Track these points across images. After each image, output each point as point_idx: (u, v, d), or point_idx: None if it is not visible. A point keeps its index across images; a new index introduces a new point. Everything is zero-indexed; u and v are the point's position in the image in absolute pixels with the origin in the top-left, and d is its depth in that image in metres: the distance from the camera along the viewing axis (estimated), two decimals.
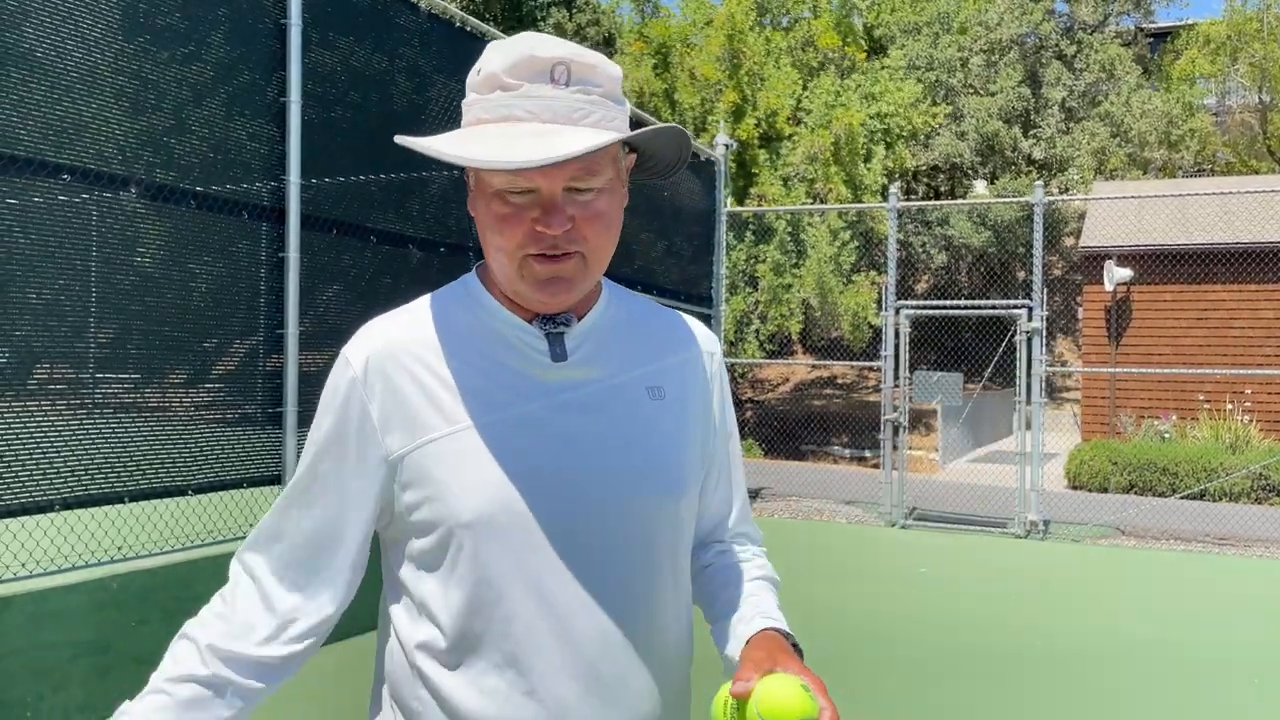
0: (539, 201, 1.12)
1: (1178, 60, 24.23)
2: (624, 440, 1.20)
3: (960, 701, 4.57)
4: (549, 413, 1.17)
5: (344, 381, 1.18)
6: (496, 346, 1.19)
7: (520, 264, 1.14)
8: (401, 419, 1.16)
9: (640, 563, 1.20)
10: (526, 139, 1.07)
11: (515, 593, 1.14)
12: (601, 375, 1.22)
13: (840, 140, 15.43)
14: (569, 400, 1.19)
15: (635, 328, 1.28)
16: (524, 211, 1.12)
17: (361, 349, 1.18)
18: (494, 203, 1.13)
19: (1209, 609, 6.46)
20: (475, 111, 1.13)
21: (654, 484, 1.21)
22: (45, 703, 3.79)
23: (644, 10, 20.29)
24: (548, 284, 1.15)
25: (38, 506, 3.97)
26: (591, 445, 1.18)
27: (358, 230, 5.59)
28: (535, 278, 1.14)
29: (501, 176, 1.11)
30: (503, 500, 1.13)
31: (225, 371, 5.07)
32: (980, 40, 21.30)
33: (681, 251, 9.97)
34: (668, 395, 1.26)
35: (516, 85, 1.10)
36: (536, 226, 1.12)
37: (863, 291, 15.22)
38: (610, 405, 1.21)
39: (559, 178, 1.11)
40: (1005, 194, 19.60)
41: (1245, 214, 14.73)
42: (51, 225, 4.10)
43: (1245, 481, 11.57)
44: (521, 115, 1.10)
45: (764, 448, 16.04)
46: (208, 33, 4.76)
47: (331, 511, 1.19)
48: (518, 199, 1.12)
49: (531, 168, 1.05)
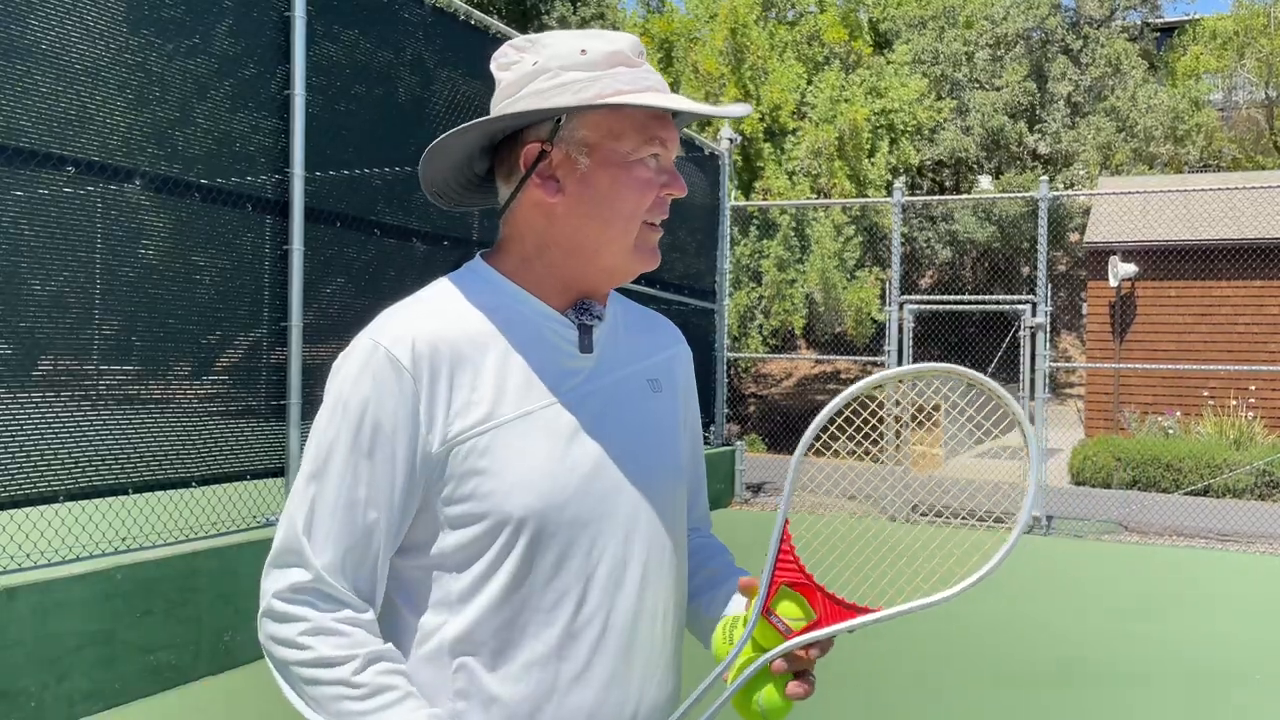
0: (664, 168, 1.21)
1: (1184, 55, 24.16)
2: (642, 429, 1.25)
3: (961, 697, 4.58)
4: (579, 403, 1.20)
5: (384, 372, 1.13)
6: (529, 337, 1.20)
7: (638, 231, 1.21)
8: (445, 411, 1.14)
9: (661, 544, 1.25)
10: (684, 102, 1.18)
11: (561, 580, 1.16)
12: (612, 368, 1.25)
13: (845, 135, 15.40)
14: (594, 390, 1.22)
15: (630, 323, 1.33)
16: (657, 178, 1.21)
17: (400, 338, 1.14)
18: (636, 169, 1.19)
19: (1212, 605, 6.46)
20: (609, 84, 1.16)
21: (669, 470, 1.28)
22: (50, 692, 3.81)
23: (648, 4, 20.26)
24: (654, 251, 1.24)
25: (42, 497, 3.98)
26: (618, 434, 1.22)
27: (362, 223, 5.59)
28: (648, 244, 1.23)
29: (648, 144, 1.19)
30: (545, 492, 1.15)
31: (229, 364, 5.08)
32: (986, 35, 21.24)
33: (686, 246, 9.96)
34: (663, 388, 1.32)
35: (640, 63, 1.19)
36: (664, 192, 1.21)
37: (866, 287, 15.20)
38: (625, 396, 1.25)
39: (675, 146, 1.22)
40: (1010, 189, 19.56)
41: (1251, 210, 14.69)
42: (56, 217, 4.11)
43: (1249, 478, 11.56)
44: (656, 85, 1.19)
45: (767, 442, 16.04)
46: (212, 25, 4.76)
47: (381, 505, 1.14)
48: (654, 164, 1.20)
49: (727, 115, 1.17)
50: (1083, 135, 20.75)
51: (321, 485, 1.14)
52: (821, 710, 4.33)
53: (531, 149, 1.18)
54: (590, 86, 1.16)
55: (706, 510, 1.50)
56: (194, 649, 4.41)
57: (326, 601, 1.13)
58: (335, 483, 1.14)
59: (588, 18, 18.89)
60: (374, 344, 1.14)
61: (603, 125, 1.18)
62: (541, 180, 1.19)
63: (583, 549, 1.17)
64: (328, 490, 1.14)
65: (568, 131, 1.18)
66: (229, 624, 4.56)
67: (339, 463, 1.14)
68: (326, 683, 1.12)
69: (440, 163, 1.24)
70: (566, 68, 1.17)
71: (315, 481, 1.14)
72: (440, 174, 1.26)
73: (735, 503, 10.12)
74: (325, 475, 1.14)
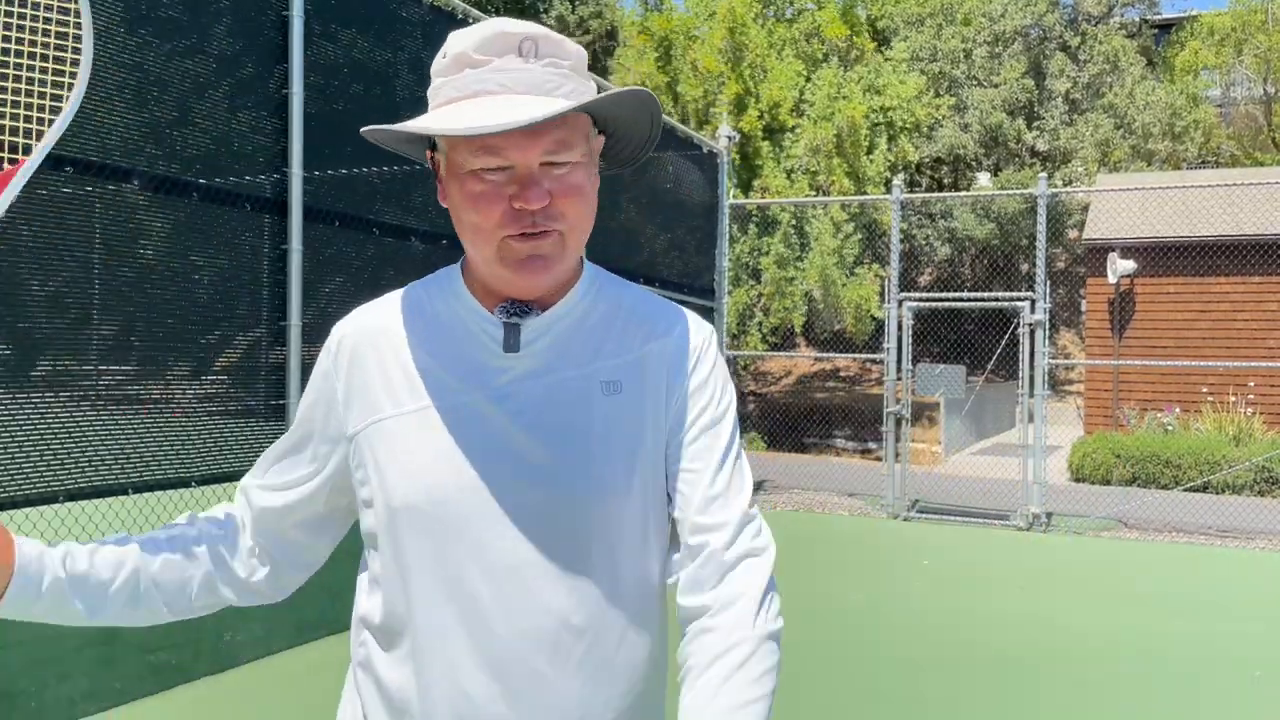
0: (515, 178, 1.10)
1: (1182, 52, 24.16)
2: (561, 436, 1.15)
3: (962, 695, 4.58)
4: (489, 403, 1.16)
5: (323, 358, 1.25)
6: (457, 333, 1.19)
7: (499, 245, 1.12)
8: (359, 399, 1.20)
9: (566, 565, 1.14)
10: (503, 108, 1.06)
11: (426, 581, 1.14)
12: (554, 368, 1.17)
13: (843, 133, 15.40)
14: (512, 392, 1.16)
15: (608, 319, 1.22)
16: (501, 189, 1.10)
17: (339, 329, 1.24)
18: (469, 182, 1.11)
19: (1211, 602, 6.46)
20: (445, 93, 1.12)
21: (585, 483, 1.15)
22: (49, 693, 3.81)
23: (647, 3, 20.25)
24: (527, 263, 1.12)
25: (42, 498, 3.98)
26: (524, 439, 1.14)
27: (360, 222, 5.59)
28: (514, 257, 1.12)
29: (476, 155, 1.09)
30: (426, 487, 1.14)
31: (228, 364, 5.08)
32: (984, 32, 21.24)
33: (685, 244, 9.96)
34: (625, 389, 1.19)
35: (486, 60, 1.09)
36: (514, 203, 1.10)
37: (866, 284, 15.21)
38: (556, 399, 1.16)
39: (534, 151, 1.09)
40: (1009, 186, 19.56)
41: (1249, 206, 14.69)
42: (55, 218, 4.10)
43: (1248, 474, 11.57)
44: (494, 89, 1.09)
45: (767, 440, 16.04)
46: (210, 25, 4.76)
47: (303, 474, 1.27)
48: (494, 176, 1.10)
49: (510, 129, 1.03)
50: (1081, 132, 20.75)
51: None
52: (809, 696, 4.33)
53: (431, 155, 1.21)
54: (438, 94, 1.13)
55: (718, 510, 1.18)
56: (194, 648, 4.41)
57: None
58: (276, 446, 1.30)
59: (585, 16, 18.88)
60: (332, 332, 1.26)
61: (444, 137, 1.14)
62: (439, 184, 1.19)
63: (460, 552, 1.13)
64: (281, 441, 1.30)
65: (436, 142, 1.18)
66: (229, 623, 4.57)
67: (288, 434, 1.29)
68: None
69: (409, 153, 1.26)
70: (436, 73, 1.15)
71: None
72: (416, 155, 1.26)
73: None
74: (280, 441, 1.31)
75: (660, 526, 1.22)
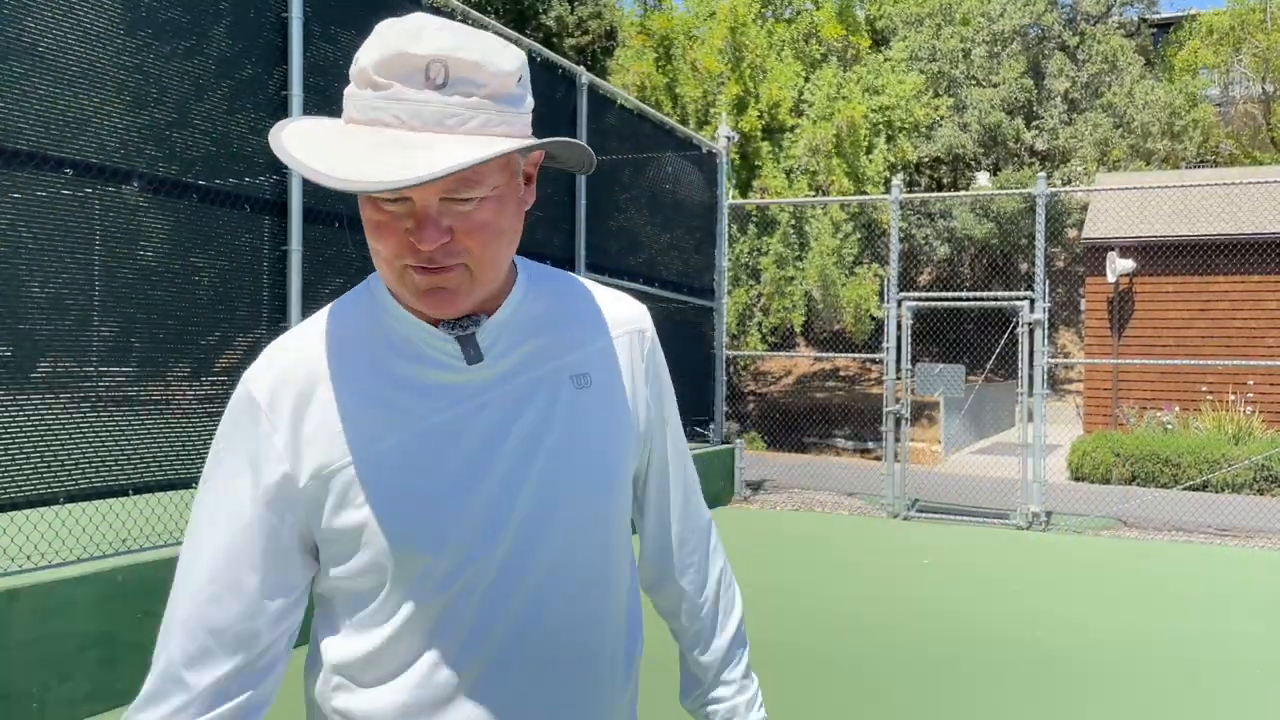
0: (413, 213, 1.01)
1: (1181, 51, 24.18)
2: (550, 438, 1.13)
3: (962, 694, 4.59)
4: (467, 418, 1.10)
5: (243, 412, 1.09)
6: (405, 355, 1.10)
7: (400, 273, 1.04)
8: (310, 446, 1.07)
9: (577, 564, 1.14)
10: (389, 149, 0.96)
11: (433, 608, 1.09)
12: (522, 370, 1.14)
13: (842, 132, 15.42)
14: (486, 402, 1.11)
15: (556, 312, 1.19)
16: (398, 221, 1.02)
17: (262, 375, 1.09)
18: (367, 208, 1.03)
19: (1211, 601, 6.47)
20: (348, 110, 1.02)
21: (582, 483, 1.14)
22: (51, 693, 3.81)
23: (646, 3, 20.25)
24: (430, 294, 1.05)
25: (43, 499, 3.99)
26: (512, 446, 1.11)
27: (360, 223, 5.60)
28: (416, 288, 1.05)
29: None
30: (429, 518, 1.07)
31: (229, 364, 5.09)
32: (983, 31, 21.25)
33: (684, 244, 9.97)
34: (595, 382, 1.18)
35: (387, 85, 0.99)
36: (410, 238, 1.02)
37: (865, 283, 15.23)
38: (533, 401, 1.13)
39: (432, 190, 1.00)
40: (1008, 186, 19.57)
41: (1248, 205, 14.70)
42: (55, 219, 4.11)
43: (1248, 473, 11.58)
44: (389, 120, 0.98)
45: (766, 440, 16.05)
46: (209, 26, 4.77)
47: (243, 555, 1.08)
48: (391, 207, 1.01)
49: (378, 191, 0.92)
50: (1080, 131, 20.76)
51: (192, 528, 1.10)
52: (810, 696, 4.34)
53: None
54: (345, 107, 1.04)
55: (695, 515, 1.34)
56: None
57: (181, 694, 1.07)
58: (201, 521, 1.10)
59: (585, 16, 18.88)
60: (241, 385, 1.10)
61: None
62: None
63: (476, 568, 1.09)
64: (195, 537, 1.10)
65: None
66: None
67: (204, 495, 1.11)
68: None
69: None
70: (351, 75, 1.04)
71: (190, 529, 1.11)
72: None
73: (735, 501, 10.13)
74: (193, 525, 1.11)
75: (628, 516, 1.25)
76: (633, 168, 9.01)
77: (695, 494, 1.36)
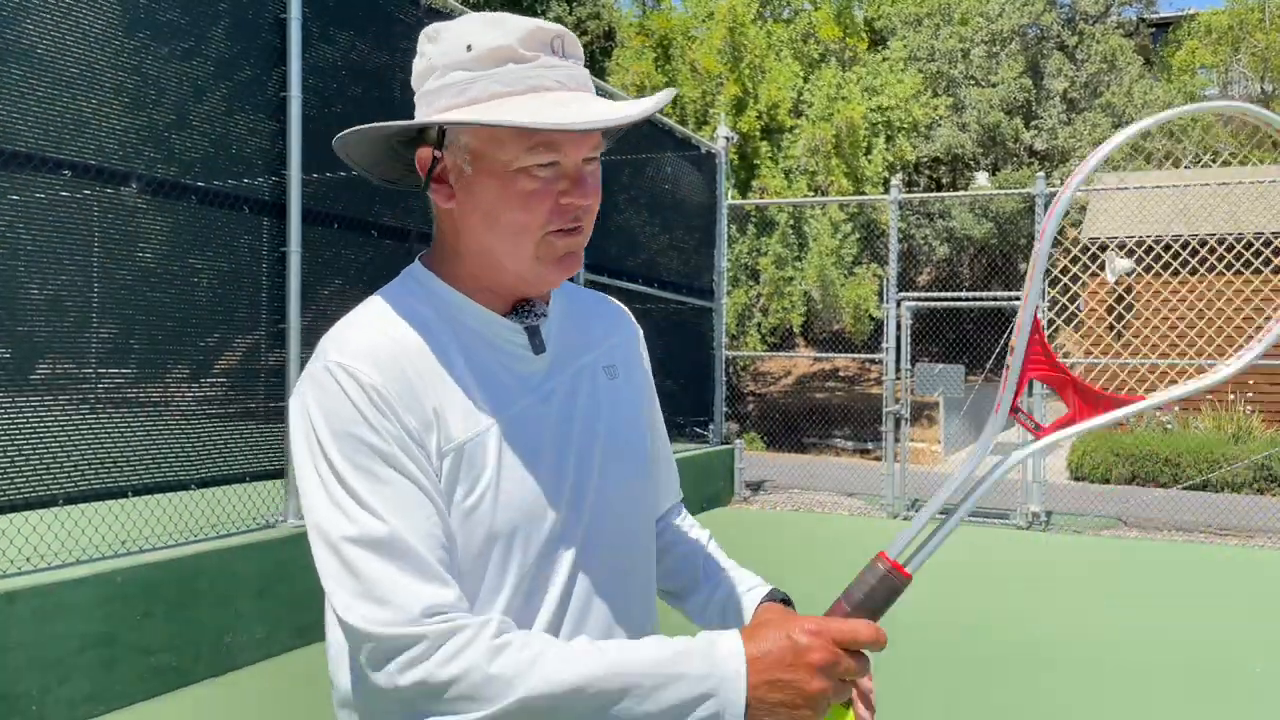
0: (564, 174, 1.10)
1: (1179, 51, 24.18)
2: (603, 424, 1.21)
3: (962, 693, 4.59)
4: (539, 406, 1.16)
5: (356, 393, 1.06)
6: (477, 345, 1.15)
7: (539, 242, 1.11)
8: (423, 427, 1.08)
9: (631, 541, 1.24)
10: (572, 105, 1.07)
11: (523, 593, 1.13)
12: (566, 361, 1.22)
13: (841, 133, 15.42)
14: (554, 389, 1.19)
15: (575, 311, 1.28)
16: (551, 186, 1.10)
17: (362, 358, 1.08)
18: (519, 180, 1.09)
19: (1211, 600, 6.47)
20: (486, 87, 1.08)
21: (632, 464, 1.24)
22: (51, 695, 3.81)
23: (645, 3, 20.26)
24: (564, 259, 1.14)
25: (42, 501, 3.99)
26: (580, 433, 1.19)
27: (359, 224, 5.60)
28: (553, 255, 1.13)
29: (533, 152, 1.07)
30: (523, 504, 1.12)
31: (228, 366, 5.09)
32: (981, 31, 21.25)
33: (683, 244, 9.96)
34: (619, 374, 1.28)
35: (533, 56, 1.08)
36: (563, 199, 1.10)
37: (864, 284, 15.22)
38: (585, 389, 1.22)
39: (586, 147, 1.11)
40: (1007, 186, 19.57)
41: (1247, 205, 14.71)
42: (54, 221, 4.11)
43: (1247, 472, 11.57)
44: (550, 85, 1.09)
45: (766, 440, 16.05)
46: (208, 28, 4.77)
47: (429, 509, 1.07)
48: (543, 173, 1.09)
49: (621, 123, 1.06)
50: (1079, 131, 20.76)
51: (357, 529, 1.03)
52: None
53: (424, 154, 1.15)
54: (469, 89, 1.08)
55: (674, 479, 1.45)
56: (194, 651, 4.41)
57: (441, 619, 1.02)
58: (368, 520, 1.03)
59: (583, 17, 18.89)
60: (336, 365, 1.07)
61: (483, 132, 1.09)
62: (437, 185, 1.15)
63: (563, 554, 1.15)
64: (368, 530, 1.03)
65: (453, 137, 1.12)
66: (229, 626, 4.57)
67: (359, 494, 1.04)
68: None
69: (363, 161, 1.21)
70: (451, 66, 1.10)
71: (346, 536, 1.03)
72: (373, 167, 1.22)
73: (735, 501, 10.12)
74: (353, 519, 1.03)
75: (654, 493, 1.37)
76: (632, 168, 9.01)
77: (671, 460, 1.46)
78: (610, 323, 1.32)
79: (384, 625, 0.99)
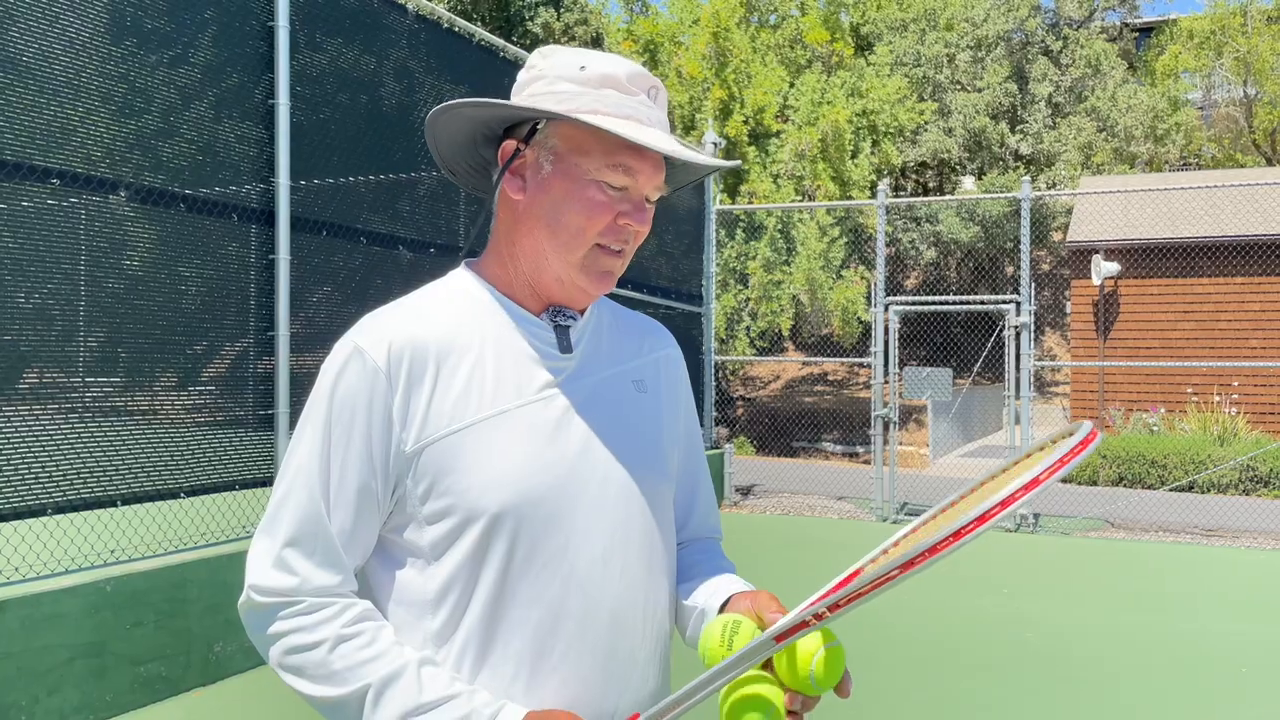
0: (629, 198, 1.22)
1: (1163, 55, 24.35)
2: (626, 429, 1.27)
3: (949, 695, 4.60)
4: (557, 401, 1.23)
5: (360, 373, 1.19)
6: (507, 339, 1.24)
7: (589, 250, 1.22)
8: (421, 411, 1.18)
9: (646, 546, 1.27)
10: (667, 141, 1.20)
11: (537, 577, 1.18)
12: (593, 369, 1.28)
13: (827, 137, 15.47)
14: (576, 390, 1.25)
15: (616, 327, 1.36)
16: (615, 204, 1.21)
17: (378, 340, 1.20)
18: (590, 189, 1.20)
19: (1198, 600, 6.51)
20: (590, 102, 1.19)
21: (653, 470, 1.29)
22: (40, 705, 3.79)
23: (632, 9, 20.30)
24: (604, 275, 1.24)
25: (30, 511, 3.97)
26: (601, 434, 1.24)
27: (348, 231, 5.59)
28: (597, 268, 1.23)
29: (612, 170, 1.20)
30: (519, 488, 1.18)
31: (216, 374, 5.07)
32: (967, 36, 21.36)
33: (672, 249, 9.98)
34: (649, 389, 1.35)
35: (636, 93, 1.21)
36: (621, 220, 1.22)
37: (852, 286, 15.27)
38: (608, 396, 1.28)
39: (655, 182, 1.23)
40: (993, 190, 19.67)
41: (1231, 207, 14.82)
42: (40, 229, 4.10)
43: (1233, 473, 11.65)
44: (645, 119, 1.21)
45: (755, 444, 16.07)
46: (195, 35, 4.76)
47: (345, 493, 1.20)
48: (614, 192, 1.21)
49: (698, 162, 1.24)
50: (1064, 135, 20.89)
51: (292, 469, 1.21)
52: None
53: (509, 145, 1.25)
54: (573, 99, 1.20)
55: (711, 515, 1.47)
56: (184, 660, 4.40)
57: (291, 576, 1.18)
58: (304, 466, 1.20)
59: (571, 23, 18.90)
60: (354, 345, 1.20)
61: (574, 138, 1.21)
62: (512, 176, 1.25)
63: (558, 545, 1.19)
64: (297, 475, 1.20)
65: (543, 136, 1.23)
66: (219, 635, 4.55)
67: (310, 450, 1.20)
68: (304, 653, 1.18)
69: (443, 140, 1.30)
70: (562, 78, 1.21)
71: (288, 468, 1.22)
72: (447, 150, 1.31)
73: (725, 505, 10.14)
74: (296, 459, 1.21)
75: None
76: None
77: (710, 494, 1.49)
78: (651, 341, 1.40)
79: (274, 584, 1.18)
